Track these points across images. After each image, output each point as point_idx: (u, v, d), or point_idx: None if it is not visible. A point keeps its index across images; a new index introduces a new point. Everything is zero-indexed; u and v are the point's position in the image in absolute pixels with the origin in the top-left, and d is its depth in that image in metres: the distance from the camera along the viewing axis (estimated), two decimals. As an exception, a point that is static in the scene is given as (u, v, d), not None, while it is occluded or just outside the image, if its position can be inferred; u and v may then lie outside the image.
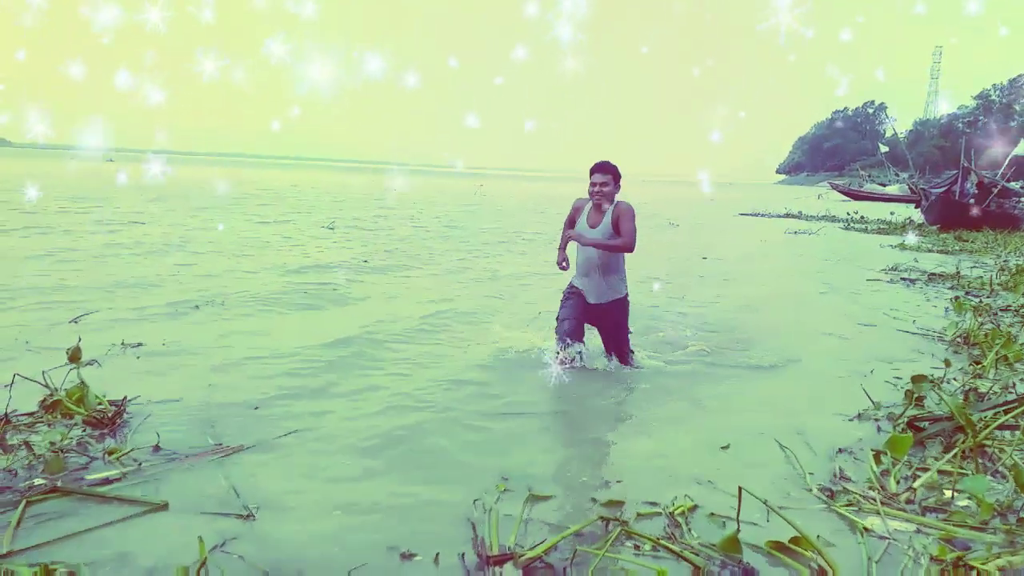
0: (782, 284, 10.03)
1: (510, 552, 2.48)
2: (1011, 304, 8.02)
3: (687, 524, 2.77)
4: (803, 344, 6.15)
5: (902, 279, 10.38)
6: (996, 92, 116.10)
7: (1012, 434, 3.67)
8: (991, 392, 4.45)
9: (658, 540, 2.59)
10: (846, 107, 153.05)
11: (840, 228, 22.93)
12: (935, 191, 22.04)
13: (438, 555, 2.49)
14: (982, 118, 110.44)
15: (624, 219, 4.79)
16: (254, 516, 2.73)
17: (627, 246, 4.78)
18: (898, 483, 3.17)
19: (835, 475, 3.29)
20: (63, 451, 3.21)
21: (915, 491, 3.06)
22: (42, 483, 2.91)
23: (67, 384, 3.82)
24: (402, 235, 15.34)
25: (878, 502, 2.96)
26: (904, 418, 3.98)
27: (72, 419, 3.60)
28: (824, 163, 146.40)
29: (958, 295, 8.85)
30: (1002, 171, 22.52)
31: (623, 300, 5.08)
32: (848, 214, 28.63)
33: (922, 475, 3.22)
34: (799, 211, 31.55)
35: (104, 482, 2.98)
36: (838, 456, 3.55)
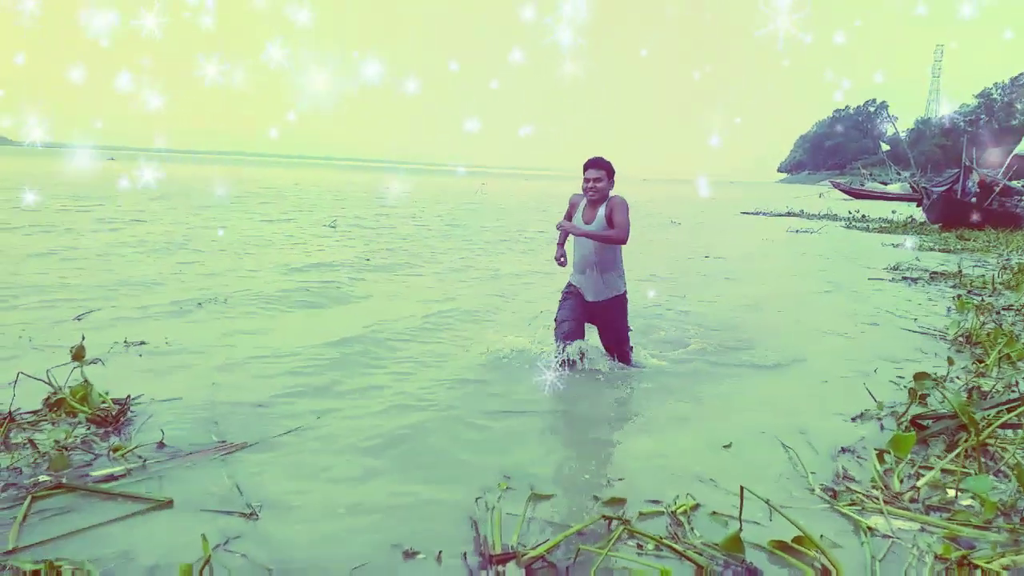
0: (784, 283, 10.02)
1: (513, 551, 2.48)
2: (1013, 303, 8.01)
3: (689, 523, 2.77)
4: (805, 343, 6.15)
5: (904, 278, 10.37)
6: (998, 91, 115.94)
7: (1015, 433, 3.66)
8: (994, 390, 4.45)
9: (661, 539, 2.60)
10: (847, 106, 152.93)
11: (842, 227, 22.90)
12: (937, 190, 22.00)
13: (440, 553, 2.50)
14: (984, 117, 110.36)
15: (617, 211, 4.74)
16: (257, 515, 2.74)
17: (619, 237, 4.73)
18: (901, 482, 3.17)
19: (837, 475, 3.29)
20: (67, 449, 3.22)
21: (919, 490, 3.06)
22: (47, 480, 2.92)
23: (71, 382, 3.83)
24: (404, 233, 15.34)
25: (881, 501, 2.96)
26: (907, 416, 3.98)
27: (76, 417, 3.61)
28: (825, 162, 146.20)
29: (960, 294, 8.85)
30: (1003, 169, 22.49)
31: (622, 297, 5.04)
32: (850, 213, 28.62)
33: (925, 474, 3.23)
34: (801, 210, 31.52)
35: (109, 478, 2.99)
36: (841, 455, 3.55)
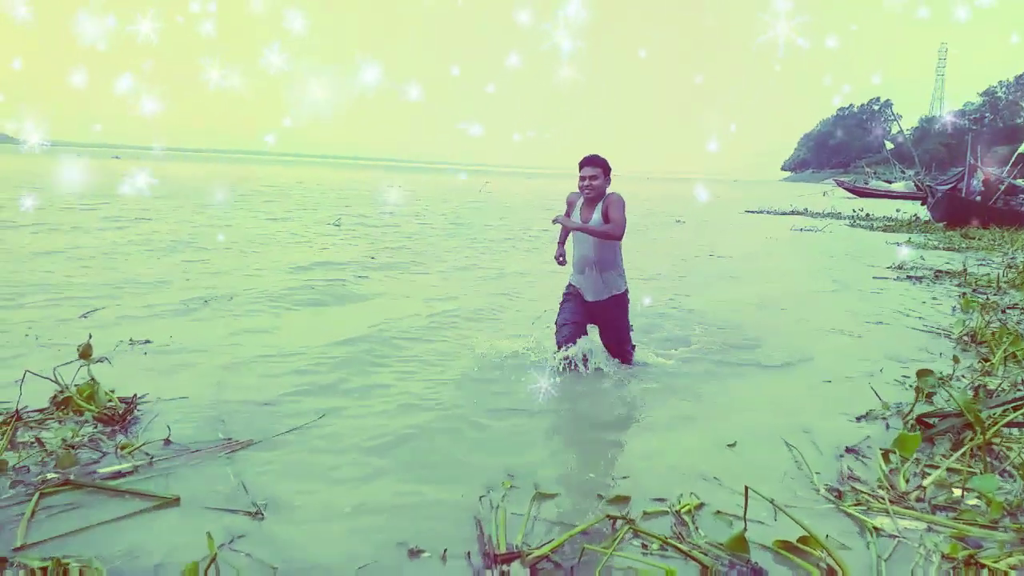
0: (788, 281, 10.00)
1: (517, 550, 2.48)
2: (1018, 301, 7.99)
3: (694, 522, 2.77)
4: (810, 342, 6.14)
5: (908, 277, 10.35)
6: (1003, 89, 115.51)
7: (1021, 431, 3.66)
8: (1000, 389, 4.44)
9: (666, 539, 2.59)
10: (851, 104, 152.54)
11: (846, 225, 22.86)
12: (941, 188, 21.94)
13: (445, 551, 2.50)
14: (988, 115, 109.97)
15: (613, 208, 4.70)
16: (262, 514, 2.75)
17: (613, 232, 4.68)
18: (907, 481, 3.16)
19: (842, 474, 3.28)
20: (74, 447, 3.24)
21: (924, 489, 3.06)
22: (54, 477, 2.93)
23: (77, 381, 3.85)
24: (408, 232, 15.34)
25: (887, 501, 2.96)
26: (913, 414, 3.97)
27: (83, 416, 3.62)
28: (830, 160, 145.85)
29: (965, 292, 8.83)
30: (1008, 168, 22.41)
31: (622, 296, 5.01)
32: (854, 211, 28.56)
33: (931, 473, 3.22)
34: (805, 208, 31.47)
35: (116, 475, 3.01)
36: (846, 455, 3.54)
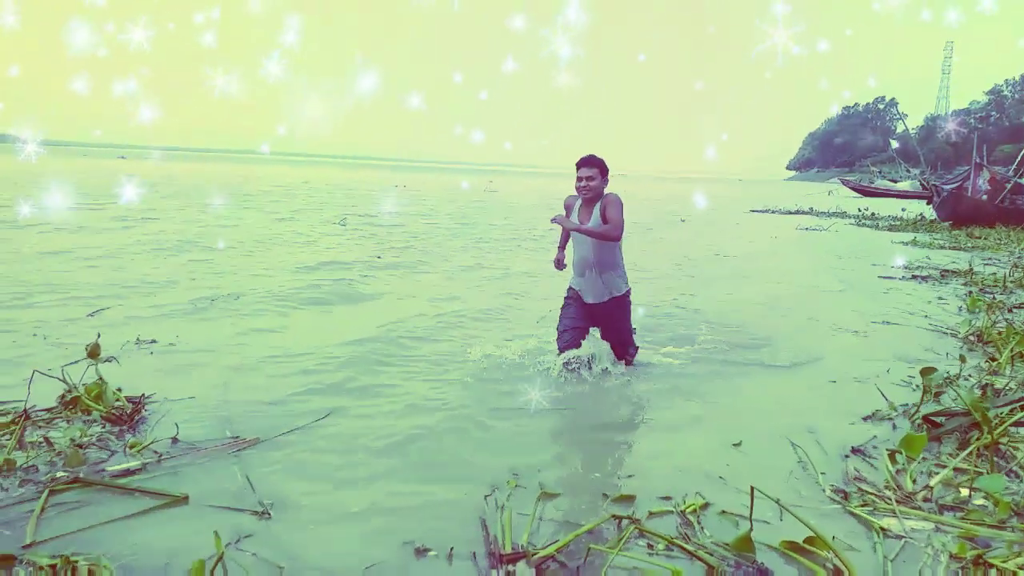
0: (794, 281, 9.98)
1: (523, 550, 2.49)
2: (1025, 301, 7.97)
3: (699, 522, 2.77)
4: (816, 342, 6.13)
5: (914, 276, 10.32)
6: (1008, 88, 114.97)
7: (1028, 432, 3.65)
8: (1007, 388, 4.43)
9: (672, 539, 2.60)
10: (856, 103, 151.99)
11: (851, 224, 22.81)
12: (947, 187, 21.87)
13: (452, 551, 2.51)
14: (994, 114, 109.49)
15: (611, 208, 4.64)
16: (269, 513, 2.76)
17: (611, 233, 4.63)
18: (914, 481, 3.16)
19: (848, 475, 3.28)
20: (82, 447, 3.25)
21: (931, 489, 3.05)
22: (63, 476, 2.95)
23: (85, 380, 3.87)
24: (414, 231, 15.36)
25: (894, 501, 2.95)
26: (920, 413, 3.96)
27: (91, 415, 3.63)
28: (835, 159, 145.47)
29: (972, 291, 8.81)
30: (1015, 166, 22.32)
31: (623, 298, 4.95)
32: (859, 210, 28.50)
33: (938, 473, 3.22)
34: (810, 207, 31.40)
35: (125, 473, 3.03)
36: (852, 455, 3.54)
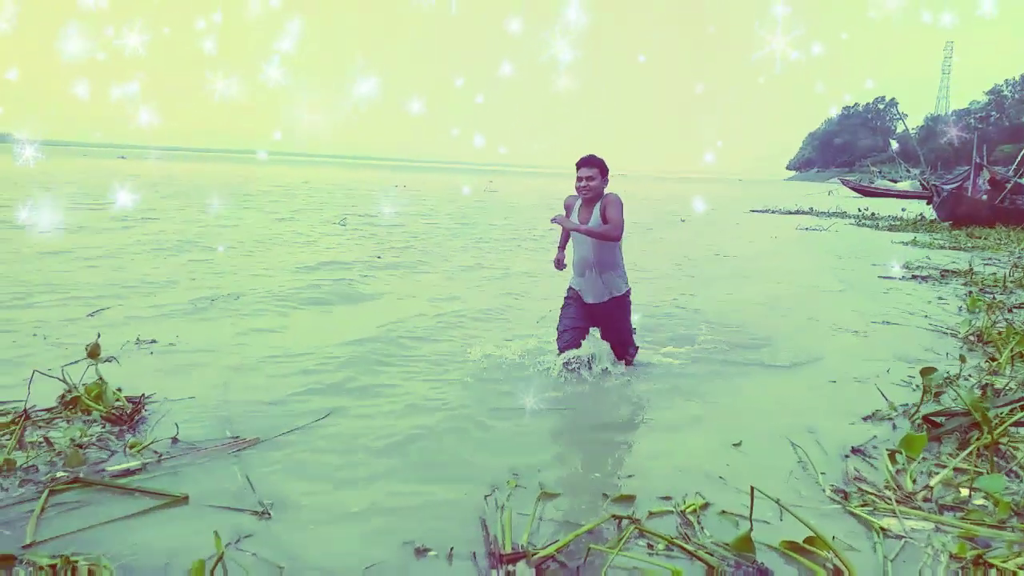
0: (794, 281, 9.98)
1: (523, 550, 2.48)
2: (1025, 301, 7.97)
3: (699, 522, 2.77)
4: (816, 342, 6.13)
5: (915, 276, 10.32)
6: (1008, 88, 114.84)
7: (1028, 432, 3.65)
8: (1007, 388, 4.42)
9: (672, 539, 2.60)
10: (856, 103, 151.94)
11: (851, 224, 22.81)
12: (947, 187, 21.87)
13: (452, 550, 2.51)
14: (994, 114, 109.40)
15: (610, 208, 4.63)
16: (269, 513, 2.76)
17: (611, 233, 4.61)
18: (914, 481, 3.16)
19: (848, 475, 3.28)
20: (82, 447, 3.25)
21: (931, 489, 3.05)
22: (63, 475, 2.95)
23: (85, 380, 3.87)
24: (414, 231, 15.36)
25: (894, 501, 2.95)
26: (920, 413, 3.96)
27: (91, 415, 3.63)
28: (835, 159, 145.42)
29: (972, 291, 8.80)
30: (1015, 166, 22.33)
31: (623, 298, 4.93)
32: (859, 210, 28.50)
33: (938, 473, 3.22)
34: (810, 207, 31.40)
35: (125, 473, 3.03)
36: (852, 455, 3.54)
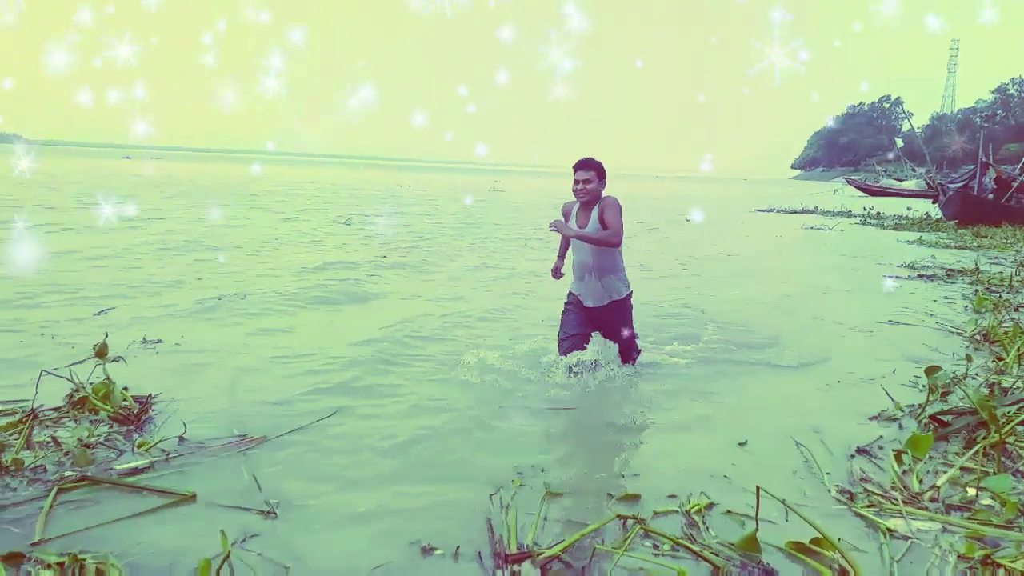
0: (800, 280, 9.96)
1: (528, 550, 2.48)
2: (1032, 301, 7.94)
3: (704, 522, 2.77)
4: (822, 341, 6.12)
5: (920, 275, 10.29)
6: (1014, 86, 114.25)
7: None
8: (1014, 387, 4.41)
9: (677, 539, 2.59)
10: (861, 102, 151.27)
11: (857, 224, 22.75)
12: (953, 186, 21.80)
13: (458, 550, 2.52)
14: (1000, 112, 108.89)
15: (609, 212, 4.54)
16: (276, 513, 2.77)
17: (612, 239, 4.53)
18: (921, 481, 3.15)
19: (854, 475, 3.27)
20: (90, 446, 3.26)
21: (938, 489, 3.05)
22: (72, 474, 2.96)
23: (92, 380, 3.88)
24: (420, 231, 15.37)
25: (900, 501, 2.95)
26: (926, 412, 3.95)
27: (98, 415, 3.65)
28: (840, 158, 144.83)
29: (978, 289, 8.78)
30: (1021, 165, 22.26)
31: (623, 301, 4.87)
32: (864, 210, 28.41)
33: (945, 472, 3.21)
34: (815, 207, 31.32)
35: (133, 472, 3.04)
36: (857, 455, 3.53)
